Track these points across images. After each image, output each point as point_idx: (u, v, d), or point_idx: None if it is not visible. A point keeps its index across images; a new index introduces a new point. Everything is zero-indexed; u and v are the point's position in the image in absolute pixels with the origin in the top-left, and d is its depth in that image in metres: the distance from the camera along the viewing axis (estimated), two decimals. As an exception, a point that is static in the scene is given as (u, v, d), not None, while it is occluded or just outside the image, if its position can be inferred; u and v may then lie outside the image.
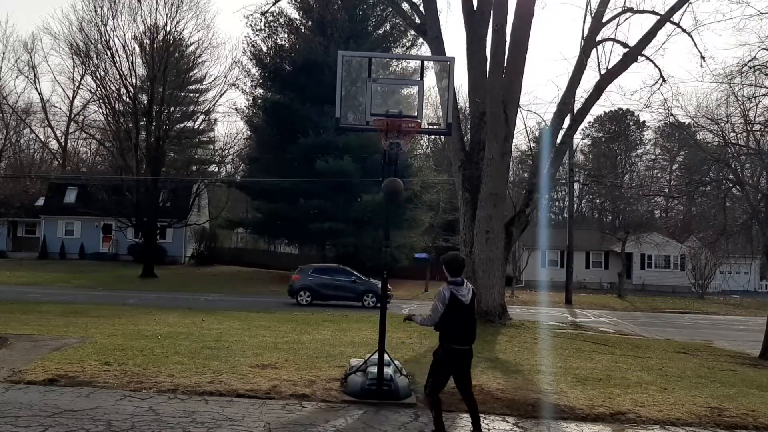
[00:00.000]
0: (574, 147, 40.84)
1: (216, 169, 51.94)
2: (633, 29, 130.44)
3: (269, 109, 41.39)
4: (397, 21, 40.31)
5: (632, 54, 18.38)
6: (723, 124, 17.55)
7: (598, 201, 65.54)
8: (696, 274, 41.69)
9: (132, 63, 39.09)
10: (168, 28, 39.99)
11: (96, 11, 38.79)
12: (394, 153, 8.07)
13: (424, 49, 33.92)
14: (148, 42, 40.01)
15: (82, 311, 16.78)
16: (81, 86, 54.92)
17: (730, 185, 17.27)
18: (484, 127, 17.59)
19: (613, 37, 19.44)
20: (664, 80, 18.88)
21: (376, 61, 8.83)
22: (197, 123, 46.64)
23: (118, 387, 7.63)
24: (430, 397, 6.37)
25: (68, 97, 60.03)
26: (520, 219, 18.23)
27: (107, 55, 38.67)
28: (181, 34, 41.50)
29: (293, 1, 42.94)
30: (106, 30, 38.60)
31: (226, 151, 48.68)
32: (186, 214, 44.02)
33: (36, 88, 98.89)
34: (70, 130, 60.84)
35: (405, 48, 42.47)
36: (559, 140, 19.22)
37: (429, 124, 10.05)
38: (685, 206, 33.16)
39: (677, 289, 44.26)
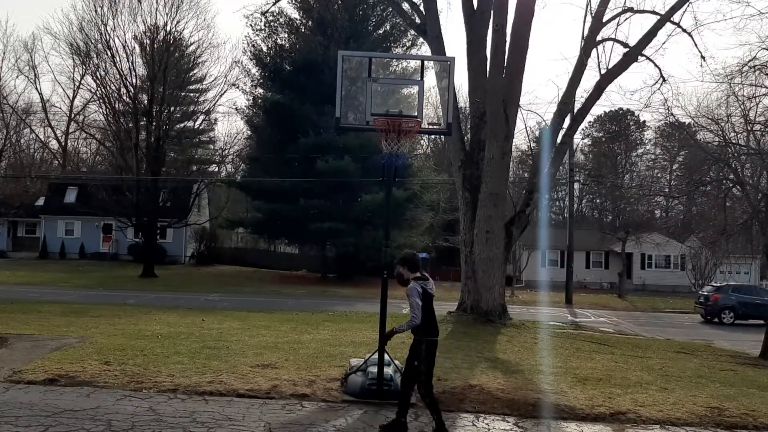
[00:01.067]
0: (575, 147, 40.85)
1: (216, 169, 52.00)
2: (633, 29, 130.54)
3: (269, 109, 41.40)
4: (397, 21, 40.29)
5: (632, 54, 18.37)
6: (723, 124, 17.61)
7: (598, 201, 65.52)
8: (696, 273, 41.69)
9: (132, 63, 39.11)
10: (168, 28, 40.02)
11: (96, 11, 38.82)
12: (394, 163, 8.11)
13: (424, 49, 33.94)
14: (148, 42, 40.02)
15: (82, 311, 16.78)
16: (81, 86, 55.02)
17: (731, 185, 17.28)
18: (484, 127, 17.59)
19: (613, 36, 19.46)
20: (664, 80, 18.89)
21: (376, 60, 8.82)
22: (197, 123, 46.66)
23: (119, 387, 7.63)
24: (428, 398, 6.38)
25: (68, 97, 60.16)
26: (520, 219, 18.23)
27: (107, 55, 38.70)
28: (181, 33, 41.53)
29: (293, 1, 42.95)
30: (107, 30, 38.62)
31: (226, 151, 48.74)
32: (186, 214, 44.02)
33: (36, 88, 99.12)
34: (70, 130, 60.93)
35: (405, 48, 42.47)
36: (559, 140, 19.21)
37: (429, 124, 10.02)
38: (686, 206, 33.20)
39: (677, 289, 44.24)
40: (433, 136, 50.31)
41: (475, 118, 18.79)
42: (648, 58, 18.57)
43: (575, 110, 20.89)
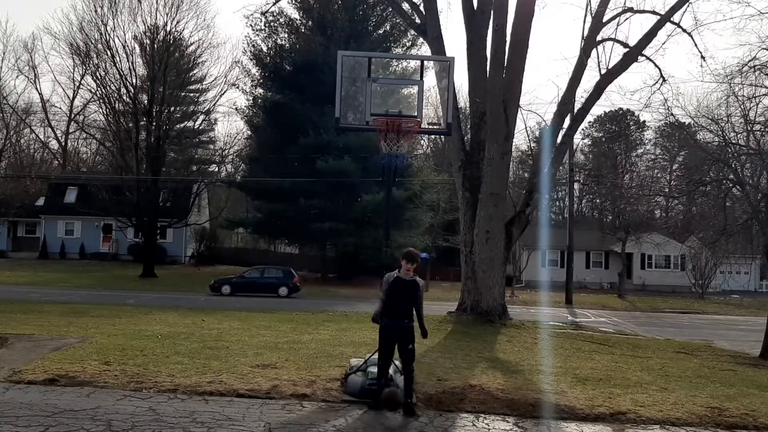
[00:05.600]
0: (574, 147, 40.86)
1: (216, 169, 52.02)
2: (633, 29, 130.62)
3: (269, 109, 41.41)
4: (397, 21, 40.32)
5: (632, 54, 18.37)
6: (723, 124, 17.56)
7: (598, 201, 65.47)
8: (696, 274, 41.67)
9: (132, 63, 39.19)
10: (168, 28, 40.11)
11: (96, 11, 38.93)
12: (394, 163, 8.10)
13: (424, 49, 33.93)
14: (148, 42, 40.08)
15: (82, 311, 16.78)
16: (81, 86, 55.07)
17: (730, 185, 17.26)
18: (484, 127, 17.58)
19: (613, 37, 19.46)
20: (664, 80, 18.89)
21: (376, 61, 8.83)
22: (197, 123, 46.73)
23: (119, 387, 7.62)
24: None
25: (68, 97, 60.14)
26: (520, 219, 18.22)
27: (107, 55, 38.78)
28: (181, 34, 41.62)
29: (293, 1, 42.99)
30: (107, 30, 38.72)
31: (226, 151, 48.78)
32: (186, 214, 44.03)
33: (36, 88, 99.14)
34: (71, 130, 60.93)
35: (405, 48, 42.49)
36: (559, 140, 19.22)
37: (429, 124, 10.02)
38: (685, 206, 33.15)
39: (677, 289, 44.23)
40: (433, 136, 50.32)
41: (475, 118, 18.79)
42: (648, 58, 18.58)
43: (575, 110, 20.89)
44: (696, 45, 18.45)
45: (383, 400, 7.15)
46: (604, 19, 18.69)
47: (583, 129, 59.11)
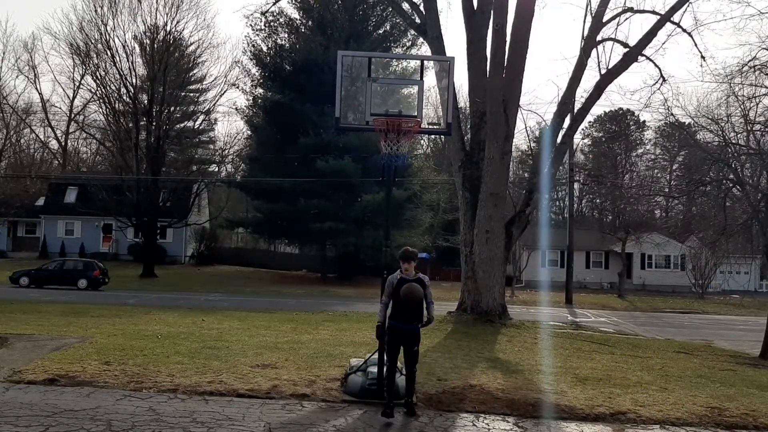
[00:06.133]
0: (574, 147, 40.85)
1: (216, 169, 52.08)
2: (633, 29, 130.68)
3: (269, 108, 41.43)
4: (397, 21, 40.35)
5: (632, 54, 18.38)
6: (723, 124, 17.56)
7: (598, 201, 65.48)
8: (696, 273, 41.69)
9: (132, 63, 39.25)
10: (168, 28, 40.17)
11: (96, 11, 38.99)
12: (394, 163, 8.09)
13: (424, 49, 33.97)
14: (148, 42, 40.12)
15: (82, 311, 16.78)
16: (81, 86, 55.15)
17: (730, 185, 17.25)
18: (484, 127, 17.58)
19: (613, 36, 19.46)
20: (664, 80, 18.89)
21: (376, 60, 8.81)
22: (197, 123, 46.78)
23: (119, 387, 7.62)
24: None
25: (68, 97, 60.21)
26: (520, 219, 18.22)
27: (107, 54, 38.83)
28: (181, 33, 41.68)
29: (293, 1, 43.01)
30: (107, 30, 38.79)
31: (226, 151, 48.84)
32: (186, 214, 44.05)
33: (36, 88, 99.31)
34: (71, 130, 60.96)
35: (405, 48, 42.52)
36: (559, 140, 19.21)
37: (429, 124, 10.05)
38: (685, 206, 33.17)
39: (677, 289, 44.25)
40: (433, 136, 50.36)
41: (475, 118, 18.78)
42: (648, 58, 18.58)
43: (575, 110, 20.89)
44: (696, 45, 18.46)
45: (404, 293, 6.99)
46: (604, 19, 18.70)
47: (583, 129, 59.20)
